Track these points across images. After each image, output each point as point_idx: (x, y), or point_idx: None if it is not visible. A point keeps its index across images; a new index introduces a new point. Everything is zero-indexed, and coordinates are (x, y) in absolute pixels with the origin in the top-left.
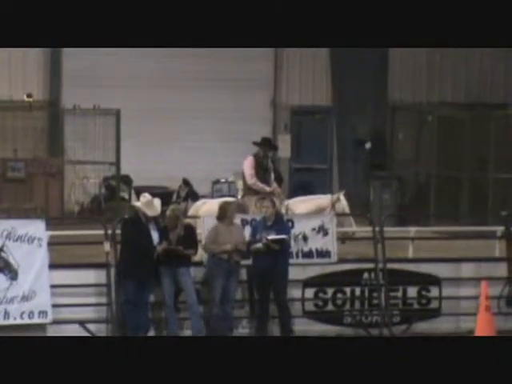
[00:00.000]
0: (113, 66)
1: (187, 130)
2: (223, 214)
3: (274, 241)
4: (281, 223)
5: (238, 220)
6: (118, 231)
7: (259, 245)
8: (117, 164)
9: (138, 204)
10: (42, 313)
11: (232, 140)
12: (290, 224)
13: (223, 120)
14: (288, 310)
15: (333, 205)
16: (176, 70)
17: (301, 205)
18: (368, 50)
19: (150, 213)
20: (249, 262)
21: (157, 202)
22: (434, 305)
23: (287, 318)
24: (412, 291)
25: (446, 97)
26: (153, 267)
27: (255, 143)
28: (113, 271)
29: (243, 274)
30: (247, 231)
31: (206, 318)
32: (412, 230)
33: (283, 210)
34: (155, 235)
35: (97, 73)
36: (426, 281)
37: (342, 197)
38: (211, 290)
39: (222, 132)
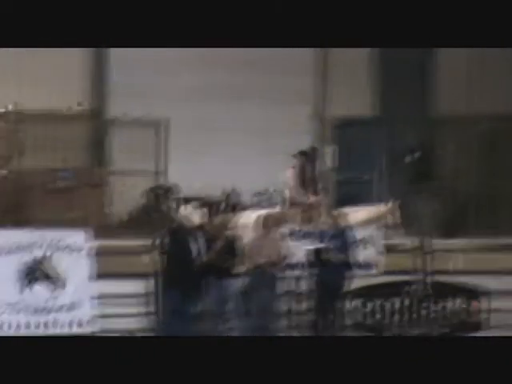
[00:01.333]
0: (160, 77)
1: (232, 142)
2: (259, 226)
3: (329, 251)
4: (340, 234)
5: (279, 232)
6: (165, 241)
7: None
8: (164, 174)
9: (184, 213)
10: (88, 322)
11: (275, 152)
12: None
13: (267, 132)
14: (332, 322)
15: (393, 214)
16: (223, 82)
17: (356, 214)
18: (415, 60)
19: (196, 222)
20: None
21: (203, 211)
22: (482, 317)
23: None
24: (459, 303)
25: (497, 108)
26: (197, 277)
27: (297, 154)
28: (159, 281)
29: (285, 286)
30: (290, 243)
31: (248, 329)
32: (460, 242)
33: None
34: (201, 245)
35: (144, 83)
36: (474, 293)
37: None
38: (250, 301)
39: (266, 144)
